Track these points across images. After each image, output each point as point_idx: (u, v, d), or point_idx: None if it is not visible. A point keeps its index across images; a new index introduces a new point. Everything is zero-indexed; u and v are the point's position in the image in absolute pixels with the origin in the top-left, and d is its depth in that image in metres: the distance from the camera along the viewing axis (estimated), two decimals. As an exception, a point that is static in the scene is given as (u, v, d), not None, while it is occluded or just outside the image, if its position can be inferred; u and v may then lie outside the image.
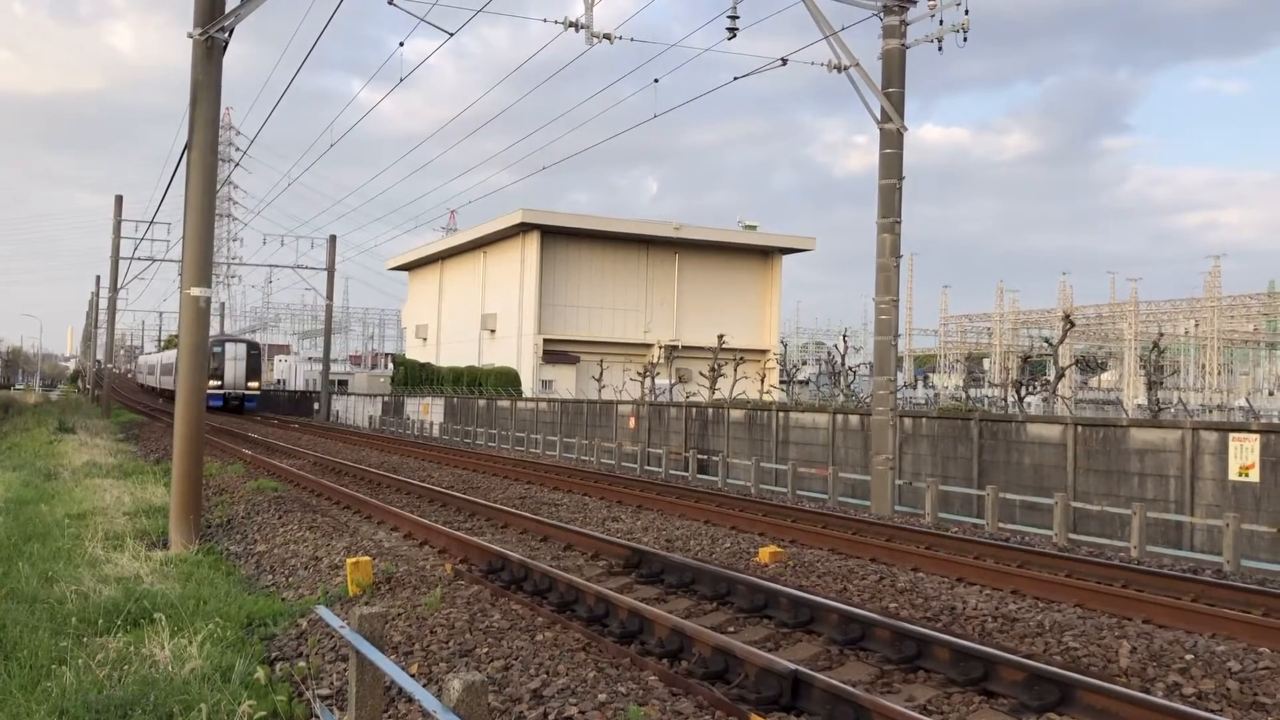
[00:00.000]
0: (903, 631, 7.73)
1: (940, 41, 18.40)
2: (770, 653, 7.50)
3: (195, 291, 13.12)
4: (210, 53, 13.14)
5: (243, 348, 61.15)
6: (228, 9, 13.20)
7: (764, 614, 8.97)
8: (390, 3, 16.75)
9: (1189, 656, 7.54)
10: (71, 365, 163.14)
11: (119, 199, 52.19)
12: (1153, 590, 9.96)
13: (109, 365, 63.07)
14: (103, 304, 71.50)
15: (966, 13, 18.07)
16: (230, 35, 13.29)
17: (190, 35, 13.13)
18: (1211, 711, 6.39)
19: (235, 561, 12.29)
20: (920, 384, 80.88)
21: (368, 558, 10.39)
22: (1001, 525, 17.64)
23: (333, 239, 56.10)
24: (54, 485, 18.61)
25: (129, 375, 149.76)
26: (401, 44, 19.53)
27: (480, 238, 56.11)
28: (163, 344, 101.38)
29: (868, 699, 6.19)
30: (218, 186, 15.05)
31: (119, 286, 55.09)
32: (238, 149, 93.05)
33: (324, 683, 7.18)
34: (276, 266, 60.08)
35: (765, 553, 11.70)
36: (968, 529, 16.58)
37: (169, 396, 59.43)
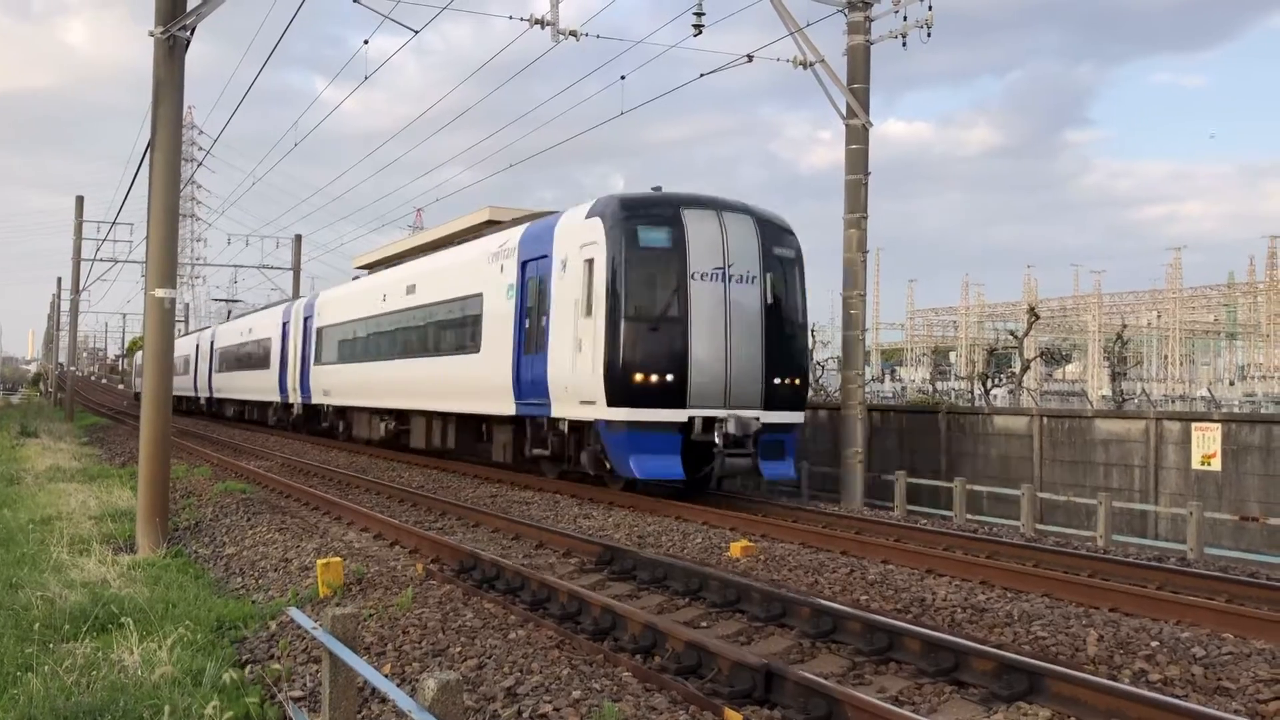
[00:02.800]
0: (874, 624, 7.79)
1: (904, 37, 18.52)
2: (743, 647, 7.54)
3: (160, 293, 12.99)
4: (172, 51, 13.00)
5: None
6: (189, 7, 13.06)
7: (736, 608, 9.01)
8: (355, 0, 16.64)
9: (1155, 644, 7.65)
10: (33, 369, 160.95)
11: (80, 199, 51.53)
12: (1119, 579, 10.08)
13: (72, 368, 62.24)
14: (64, 306, 70.57)
15: (930, 8, 18.23)
16: (192, 34, 13.15)
17: (152, 33, 12.98)
18: (1177, 697, 6.49)
19: (204, 564, 12.19)
20: (888, 377, 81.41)
21: (338, 559, 10.33)
22: (970, 517, 17.80)
23: (298, 238, 55.62)
24: (17, 490, 18.37)
25: (94, 379, 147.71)
26: (366, 41, 19.43)
27: (447, 236, 55.76)
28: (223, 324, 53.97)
29: (840, 691, 6.24)
30: (181, 186, 14.91)
31: (81, 288, 54.42)
32: (201, 148, 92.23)
33: (296, 684, 7.15)
34: (241, 267, 59.91)
35: (737, 547, 11.75)
36: (937, 521, 16.71)
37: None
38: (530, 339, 18.26)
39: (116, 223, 47.99)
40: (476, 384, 20.24)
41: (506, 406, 18.96)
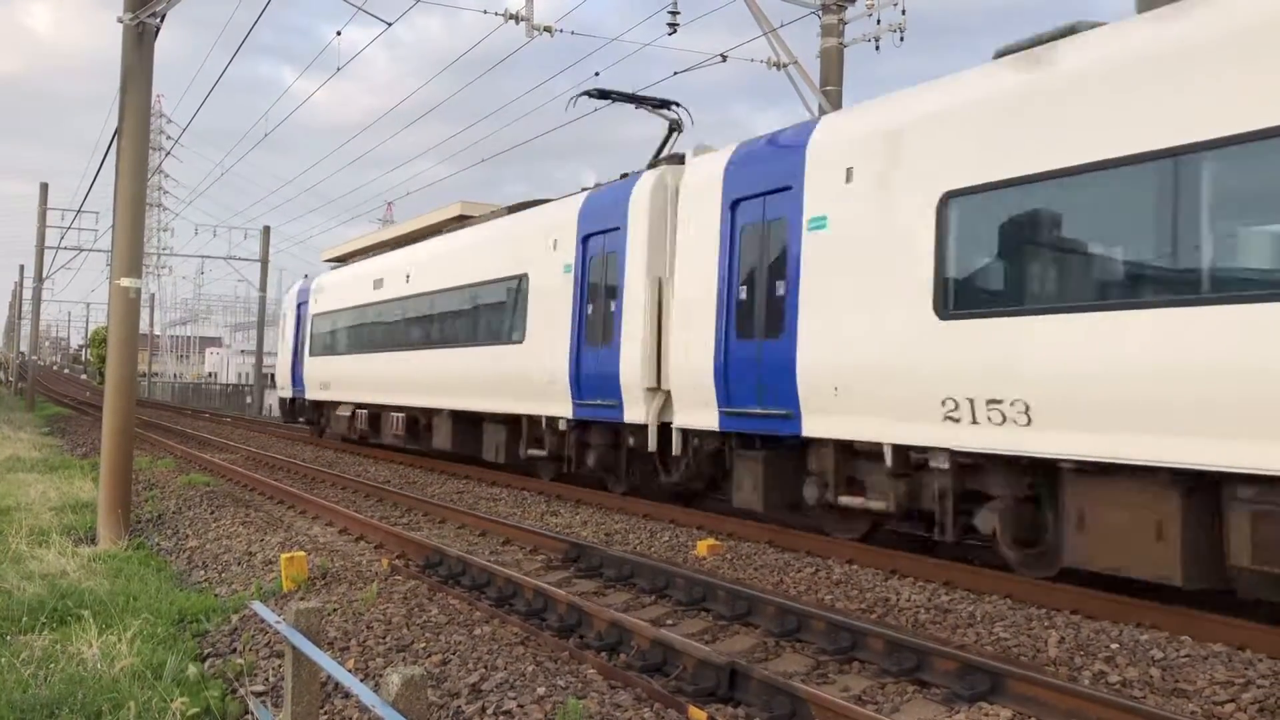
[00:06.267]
0: (838, 623, 7.83)
1: (878, 41, 18.63)
2: (708, 645, 7.56)
3: (125, 282, 12.85)
4: (141, 38, 12.86)
5: None
6: (159, -6, 12.93)
7: (702, 606, 9.03)
8: (328, -9, 16.50)
9: (1115, 646, 7.73)
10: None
11: (44, 186, 50.90)
12: (1079, 581, 10.17)
13: (34, 357, 61.43)
14: (27, 295, 69.64)
15: (904, 12, 18.32)
16: (162, 21, 13.02)
17: (120, 20, 12.84)
18: (1134, 699, 6.57)
19: (166, 557, 12.08)
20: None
21: (303, 553, 10.27)
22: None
23: (266, 230, 55.15)
24: (-24, 480, 18.11)
25: (56, 368, 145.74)
26: (339, 33, 19.30)
27: (418, 230, 55.53)
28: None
29: (804, 690, 6.27)
30: (149, 175, 14.75)
31: (44, 276, 53.70)
32: (169, 137, 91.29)
33: (259, 679, 7.10)
34: (209, 257, 59.41)
35: (703, 546, 11.77)
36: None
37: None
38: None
39: (82, 211, 47.25)
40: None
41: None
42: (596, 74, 20.23)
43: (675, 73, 20.53)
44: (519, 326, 17.56)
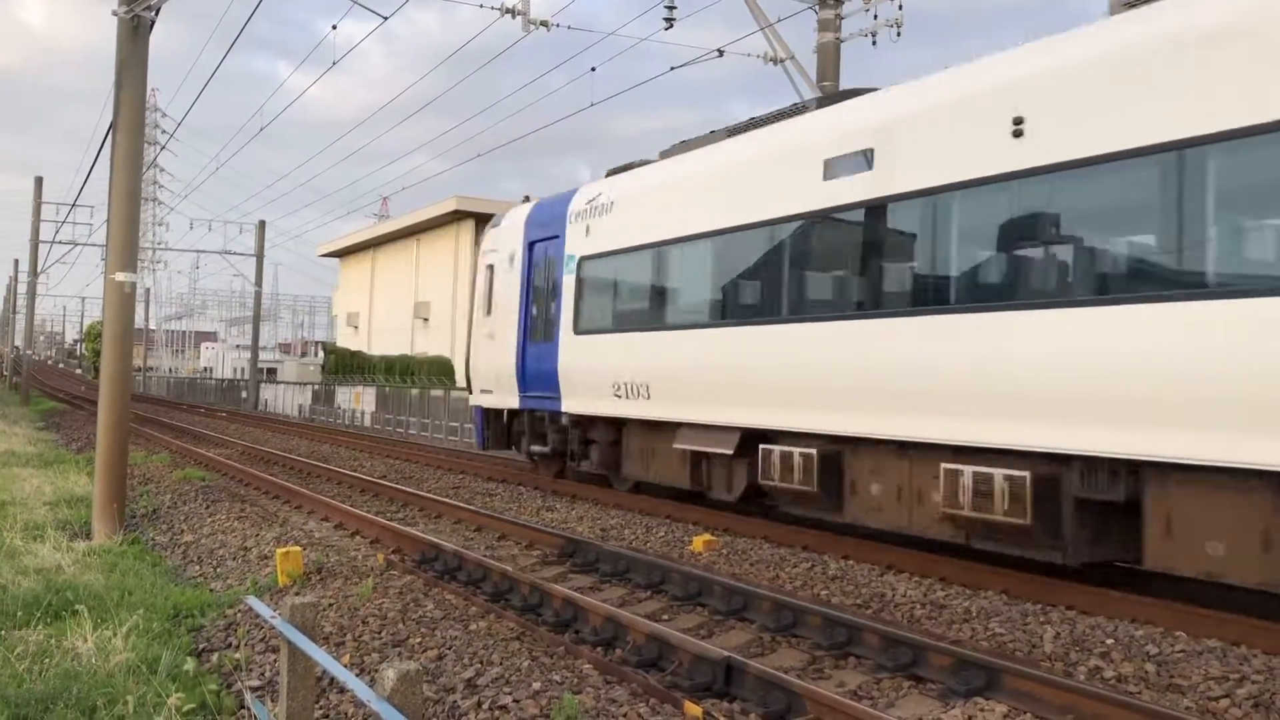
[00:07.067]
0: (834, 619, 7.84)
1: (874, 36, 18.62)
2: (704, 640, 7.56)
3: (120, 276, 12.82)
4: (136, 31, 12.82)
5: None
6: (154, -13, 12.88)
7: (698, 602, 9.04)
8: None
9: (1110, 641, 7.74)
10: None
11: (39, 180, 50.72)
12: (1075, 577, 10.18)
13: (29, 352, 61.31)
14: (22, 289, 69.52)
15: (900, 8, 18.32)
16: (157, 14, 12.98)
17: (115, 13, 12.80)
18: (1129, 694, 6.58)
19: (161, 552, 12.06)
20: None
21: (298, 548, 10.26)
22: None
23: (262, 224, 55.07)
24: (-30, 475, 18.06)
25: (51, 363, 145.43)
26: (334, 27, 19.26)
27: (413, 225, 55.57)
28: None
29: (799, 685, 6.28)
30: (144, 169, 14.71)
31: (39, 271, 53.58)
32: (164, 131, 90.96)
33: (254, 674, 7.09)
34: (204, 252, 59.47)
35: (699, 541, 11.77)
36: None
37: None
38: None
39: (76, 205, 47.28)
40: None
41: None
42: (593, 69, 20.18)
43: (672, 68, 20.51)
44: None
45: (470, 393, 19.54)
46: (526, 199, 18.97)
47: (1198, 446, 7.84)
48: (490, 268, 18.70)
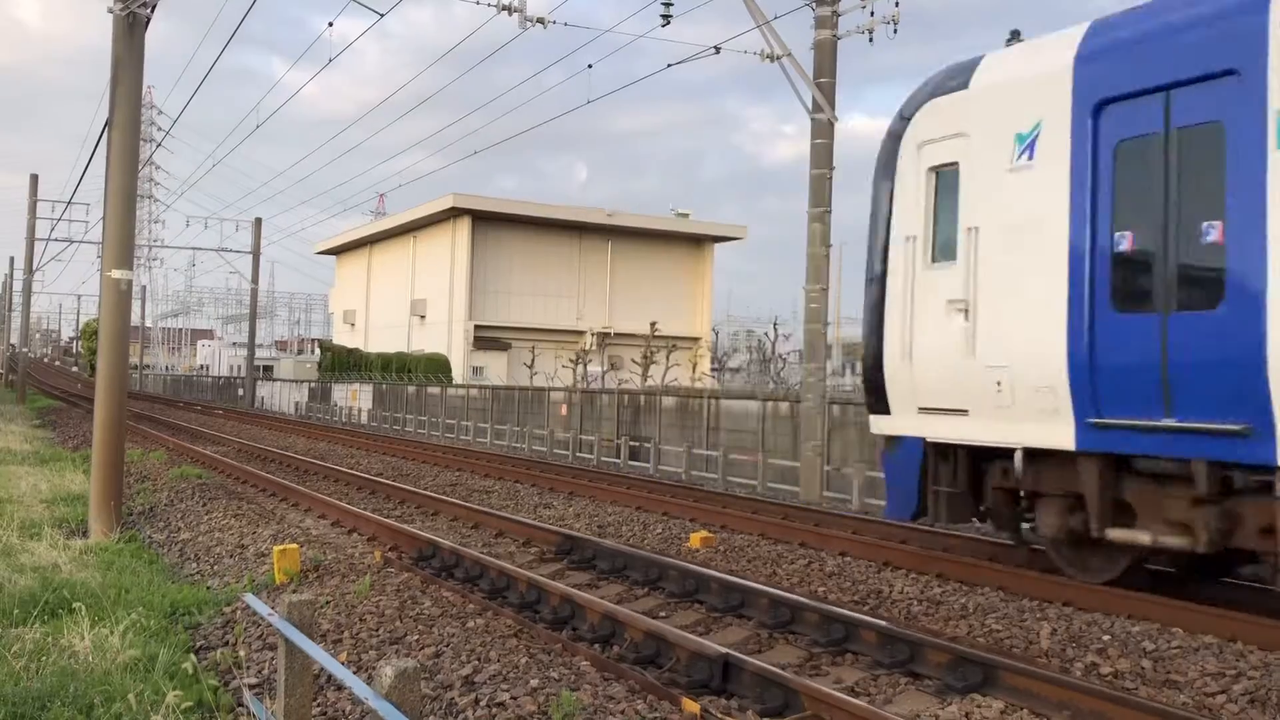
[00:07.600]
0: (831, 615, 7.84)
1: (871, 33, 18.61)
2: (701, 637, 7.57)
3: (116, 274, 12.80)
4: (132, 28, 12.79)
5: None
6: (150, -16, 12.85)
7: (695, 599, 9.04)
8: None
9: (1106, 638, 7.76)
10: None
11: (34, 178, 50.61)
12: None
13: (24, 350, 61.20)
14: (17, 286, 69.40)
15: (897, 4, 18.29)
16: (152, 11, 12.95)
17: (110, 10, 12.76)
18: (1126, 690, 6.59)
19: (158, 550, 12.05)
20: (849, 371, 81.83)
21: (295, 545, 10.25)
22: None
23: (258, 221, 55.01)
24: (-34, 473, 18.04)
25: (47, 361, 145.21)
26: (331, 24, 19.22)
27: (410, 222, 55.49)
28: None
29: (797, 681, 6.28)
30: (139, 167, 14.69)
31: (35, 268, 53.49)
32: (160, 129, 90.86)
33: (252, 671, 7.09)
34: (200, 249, 59.07)
35: (696, 538, 11.78)
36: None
37: None
38: None
39: (72, 202, 47.05)
40: None
41: None
42: (589, 66, 20.17)
43: (669, 65, 20.48)
44: None
45: (879, 412, 10.77)
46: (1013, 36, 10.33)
47: None
48: (939, 171, 10.21)
